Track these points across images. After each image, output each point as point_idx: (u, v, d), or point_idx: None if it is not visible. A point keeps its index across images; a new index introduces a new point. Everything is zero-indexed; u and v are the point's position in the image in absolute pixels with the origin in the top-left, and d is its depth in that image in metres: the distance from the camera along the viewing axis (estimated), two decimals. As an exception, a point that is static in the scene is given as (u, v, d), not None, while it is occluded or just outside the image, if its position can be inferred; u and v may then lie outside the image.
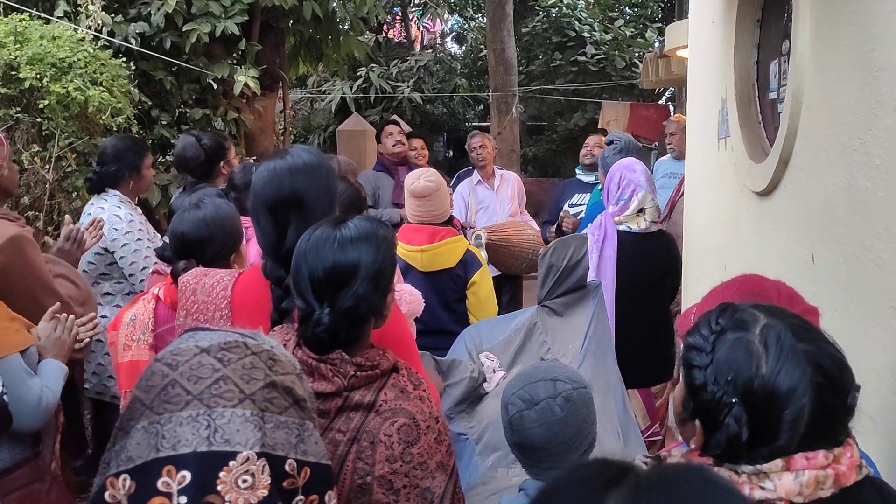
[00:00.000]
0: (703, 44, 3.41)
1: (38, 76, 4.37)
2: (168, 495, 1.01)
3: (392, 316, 1.82)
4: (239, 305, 1.95)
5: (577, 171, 5.62)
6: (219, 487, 1.03)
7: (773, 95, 2.64)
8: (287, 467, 1.10)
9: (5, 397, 1.71)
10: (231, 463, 1.04)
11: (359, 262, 1.58)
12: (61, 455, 2.36)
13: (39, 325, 2.27)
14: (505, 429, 1.87)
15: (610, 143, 4.46)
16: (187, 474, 1.02)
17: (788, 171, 2.27)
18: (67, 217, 3.41)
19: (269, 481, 1.06)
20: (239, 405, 1.08)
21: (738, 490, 0.72)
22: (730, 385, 1.16)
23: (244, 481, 1.04)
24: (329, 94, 13.34)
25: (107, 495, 1.04)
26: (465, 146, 6.33)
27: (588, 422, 1.84)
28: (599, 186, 5.30)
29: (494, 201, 5.94)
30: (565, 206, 5.28)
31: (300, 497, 1.10)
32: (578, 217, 5.02)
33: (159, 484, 1.02)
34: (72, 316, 2.37)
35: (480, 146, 6.02)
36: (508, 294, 5.85)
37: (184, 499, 1.01)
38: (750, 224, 2.69)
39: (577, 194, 5.36)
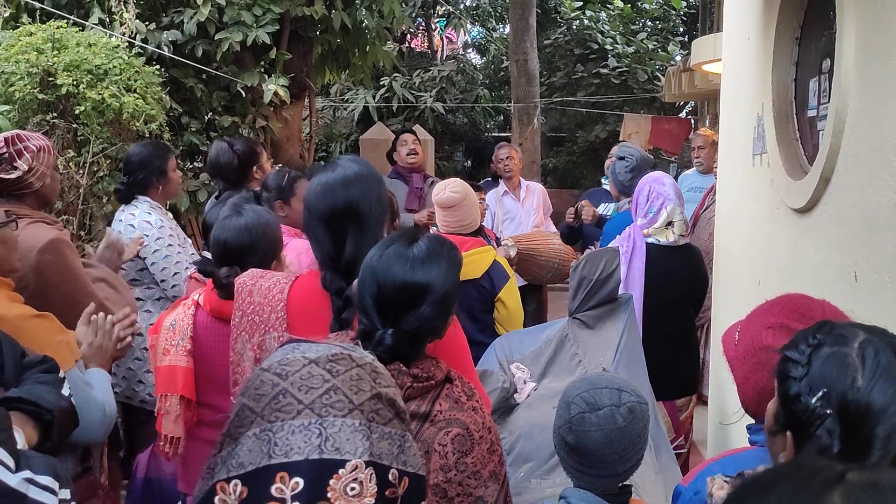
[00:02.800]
0: (739, 60, 3.42)
1: (75, 82, 4.44)
2: (282, 501, 1.05)
3: (454, 336, 1.84)
4: (295, 308, 1.97)
5: (602, 180, 5.64)
6: (328, 494, 1.06)
7: (811, 113, 2.64)
8: (390, 477, 1.13)
9: (73, 399, 1.75)
10: (341, 471, 1.07)
11: (429, 283, 1.59)
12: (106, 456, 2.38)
13: (78, 330, 2.27)
14: (562, 427, 1.88)
15: (621, 158, 4.45)
16: (300, 481, 1.05)
17: (830, 188, 2.27)
18: (109, 229, 3.45)
19: (376, 489, 1.09)
20: (349, 415, 1.12)
21: None
22: (824, 397, 1.17)
23: (352, 489, 1.07)
24: (352, 102, 13.42)
25: (217, 500, 1.07)
26: (493, 157, 6.37)
27: (643, 437, 1.85)
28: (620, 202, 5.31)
29: (520, 212, 5.99)
30: (582, 202, 5.23)
31: None
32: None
33: (273, 490, 1.05)
34: (109, 316, 2.37)
35: (508, 157, 6.07)
36: (533, 304, 5.87)
37: None
38: (786, 240, 2.69)
39: (602, 203, 5.35)
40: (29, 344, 1.92)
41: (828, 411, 1.16)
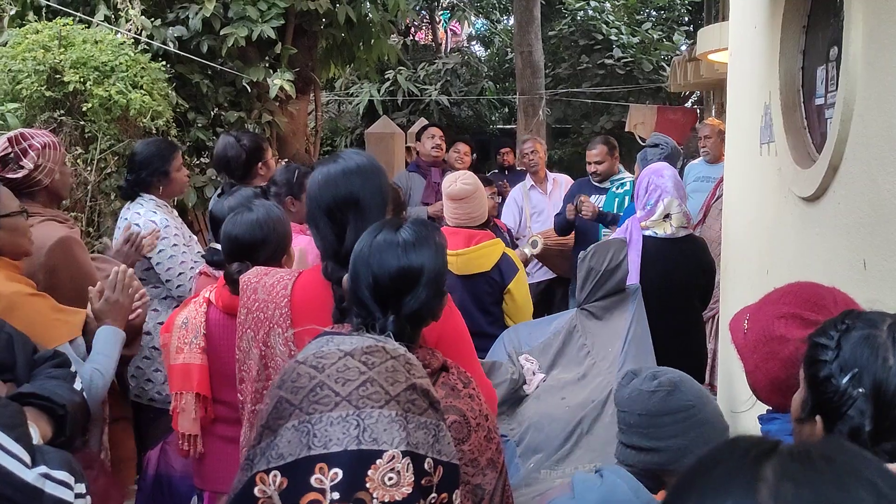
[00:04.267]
0: (745, 49, 3.41)
1: (82, 80, 4.46)
2: (321, 491, 1.07)
3: (450, 317, 1.85)
4: (299, 304, 1.98)
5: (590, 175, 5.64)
6: (367, 485, 1.08)
7: (819, 101, 2.63)
8: (426, 466, 1.15)
9: (84, 394, 1.77)
10: (378, 461, 1.10)
11: (423, 266, 1.58)
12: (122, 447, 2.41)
13: (93, 291, 2.31)
14: None
15: (655, 145, 4.44)
16: (339, 472, 1.08)
17: (838, 176, 2.27)
18: (128, 223, 3.45)
19: (413, 479, 1.11)
20: (385, 406, 1.14)
21: (888, 468, 0.72)
22: (855, 377, 1.18)
23: (390, 479, 1.10)
24: (356, 96, 13.42)
25: (256, 490, 1.08)
26: (517, 151, 6.36)
27: (671, 427, 1.80)
28: (614, 188, 5.30)
29: (548, 205, 5.95)
30: (581, 197, 5.21)
31: (433, 494, 1.15)
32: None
33: (312, 480, 1.08)
34: (130, 270, 2.40)
35: (532, 151, 6.05)
36: (560, 294, 5.86)
37: (336, 495, 1.07)
38: (795, 229, 2.69)
39: (592, 196, 5.34)
40: (23, 320, 1.95)
41: (859, 390, 1.17)
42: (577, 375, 3.12)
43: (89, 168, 4.57)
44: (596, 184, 5.42)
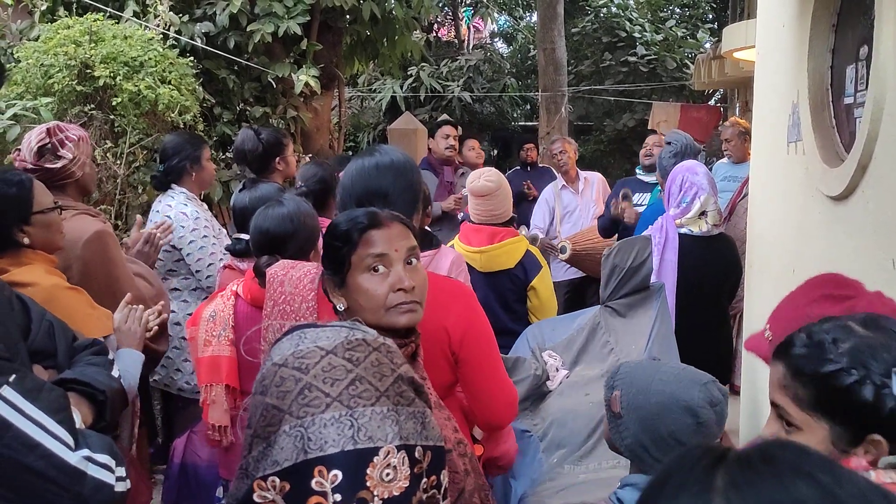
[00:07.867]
0: (773, 47, 3.40)
1: (112, 74, 4.52)
2: (323, 494, 1.08)
3: (475, 316, 1.92)
4: (325, 297, 2.02)
5: (637, 170, 5.59)
6: (368, 483, 1.09)
7: (848, 100, 2.62)
8: (416, 454, 1.16)
9: (122, 381, 1.81)
10: (375, 459, 1.11)
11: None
12: (139, 443, 2.44)
13: (115, 316, 2.36)
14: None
15: (668, 143, 4.42)
16: (339, 473, 1.09)
17: (867, 176, 2.26)
18: (139, 217, 3.50)
19: (409, 472, 1.12)
20: (377, 403, 1.15)
21: (834, 461, 0.75)
22: (881, 383, 1.18)
23: (387, 475, 1.11)
24: (379, 92, 13.46)
25: (255, 496, 1.10)
26: (547, 151, 6.36)
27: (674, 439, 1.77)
28: (659, 188, 5.28)
29: (579, 205, 5.91)
30: (619, 198, 5.18)
31: (424, 479, 1.16)
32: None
33: (313, 484, 1.08)
34: (141, 306, 2.45)
35: (561, 151, 6.00)
36: (594, 295, 5.84)
37: (338, 496, 1.08)
38: (822, 228, 2.68)
39: (637, 193, 5.32)
40: (60, 312, 1.98)
41: (887, 389, 1.17)
42: (601, 372, 3.12)
43: (118, 162, 4.63)
44: (642, 179, 5.36)
